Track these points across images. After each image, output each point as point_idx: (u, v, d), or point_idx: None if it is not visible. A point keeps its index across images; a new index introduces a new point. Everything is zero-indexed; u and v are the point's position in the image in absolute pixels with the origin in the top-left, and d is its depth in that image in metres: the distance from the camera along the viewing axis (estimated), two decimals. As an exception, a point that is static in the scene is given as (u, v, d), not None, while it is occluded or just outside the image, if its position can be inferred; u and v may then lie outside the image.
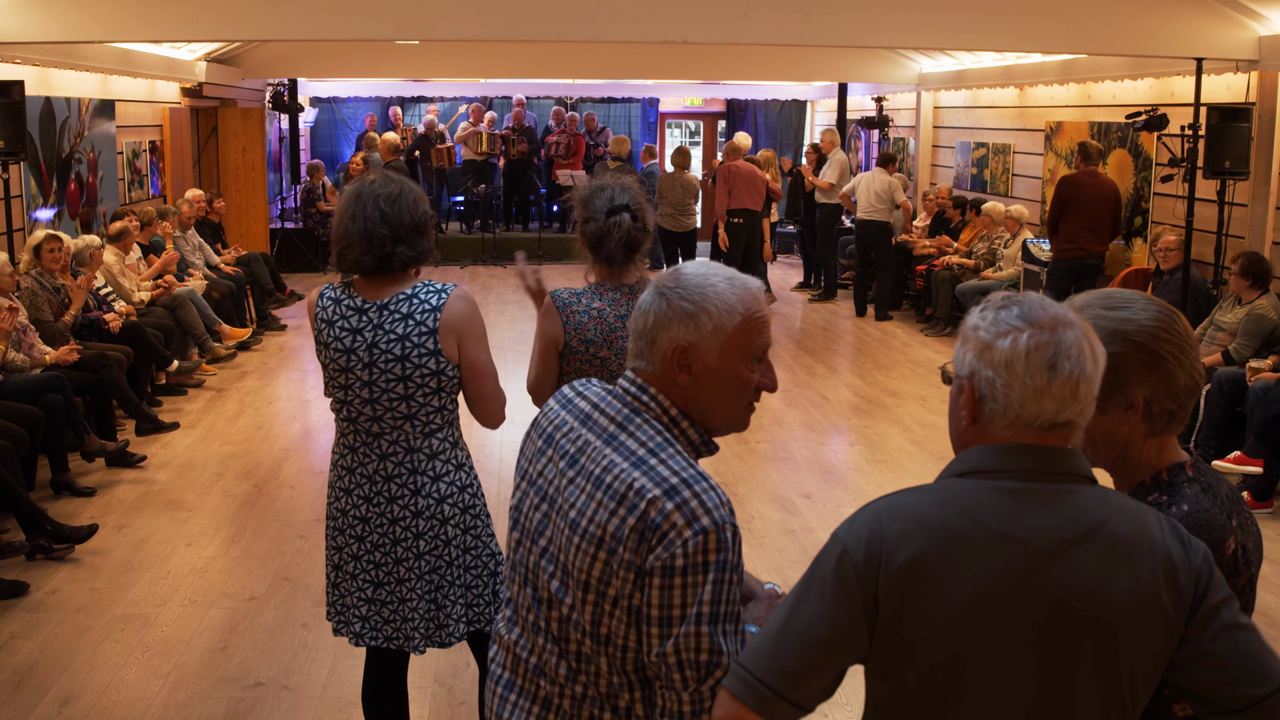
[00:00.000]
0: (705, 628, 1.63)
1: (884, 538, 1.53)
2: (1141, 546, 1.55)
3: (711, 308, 1.74)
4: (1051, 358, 1.53)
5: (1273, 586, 4.91)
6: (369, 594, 2.93)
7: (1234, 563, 1.74)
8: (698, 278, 1.77)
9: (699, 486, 1.67)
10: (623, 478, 1.70)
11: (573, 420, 1.83)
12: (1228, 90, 7.96)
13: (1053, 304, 1.60)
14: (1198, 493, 1.78)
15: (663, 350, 1.76)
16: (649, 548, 1.65)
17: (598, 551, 1.69)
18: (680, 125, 18.80)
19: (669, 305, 1.76)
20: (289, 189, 14.79)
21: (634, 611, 1.68)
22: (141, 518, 5.68)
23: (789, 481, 6.34)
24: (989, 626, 1.50)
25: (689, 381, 1.76)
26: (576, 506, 1.74)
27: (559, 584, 1.76)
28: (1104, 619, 1.51)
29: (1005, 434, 1.57)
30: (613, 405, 1.80)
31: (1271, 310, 6.60)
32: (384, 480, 2.89)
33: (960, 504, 1.54)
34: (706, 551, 1.63)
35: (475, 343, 2.85)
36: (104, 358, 6.66)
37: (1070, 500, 1.55)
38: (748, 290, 1.78)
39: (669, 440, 1.75)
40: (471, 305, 2.87)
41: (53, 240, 6.87)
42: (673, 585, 1.64)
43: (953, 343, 2.12)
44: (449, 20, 7.37)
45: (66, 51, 8.14)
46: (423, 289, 2.86)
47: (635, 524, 1.66)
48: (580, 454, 1.77)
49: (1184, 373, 1.78)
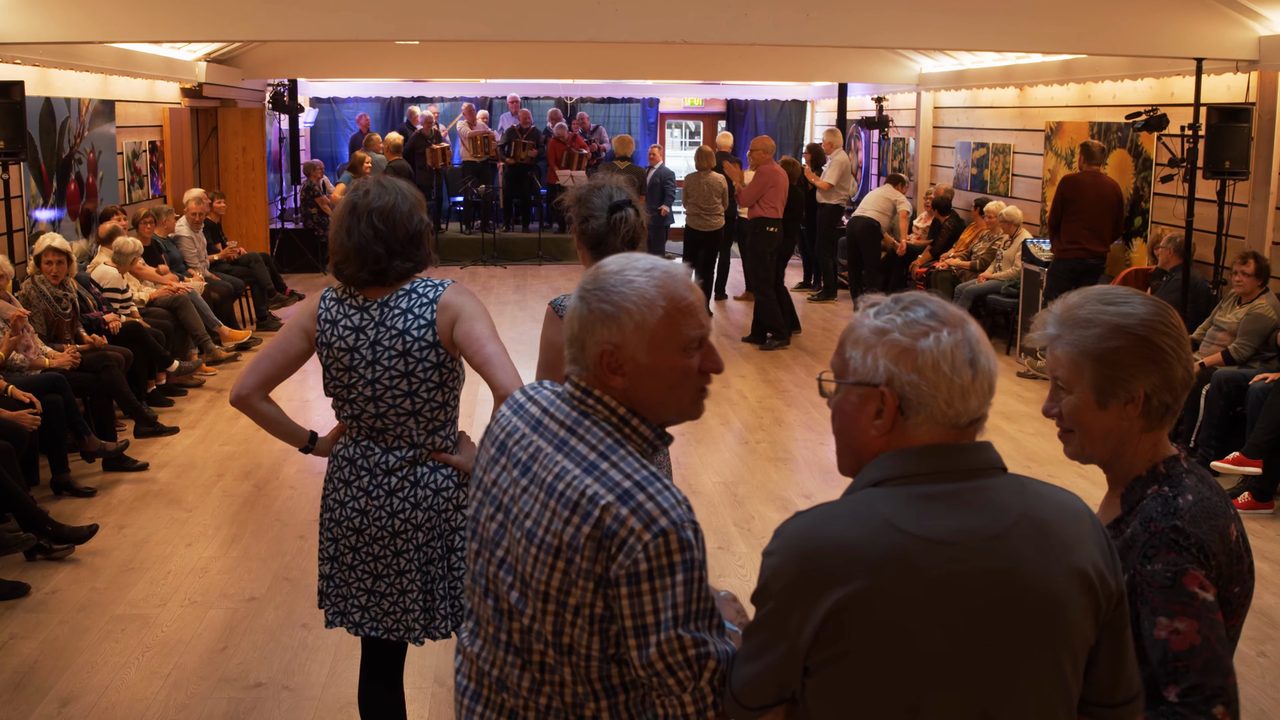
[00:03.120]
0: (682, 630, 1.61)
1: (822, 585, 1.48)
2: (1070, 530, 1.55)
3: (630, 305, 1.70)
4: (970, 354, 1.52)
5: (1273, 586, 4.91)
6: (368, 585, 2.95)
7: (1237, 549, 1.76)
8: (615, 276, 1.73)
9: (653, 488, 1.64)
10: (575, 485, 1.66)
11: (524, 426, 1.79)
12: (1228, 90, 7.96)
13: (942, 300, 1.59)
14: (1197, 482, 1.80)
15: (592, 355, 1.72)
16: (609, 556, 1.62)
17: (555, 561, 1.66)
18: (680, 125, 18.80)
19: (589, 309, 1.72)
20: (289, 189, 14.79)
21: (596, 620, 1.66)
22: (141, 518, 5.68)
23: (789, 481, 6.34)
24: (934, 637, 1.48)
25: (624, 383, 1.72)
26: (531, 516, 1.70)
27: (518, 595, 1.72)
28: (1044, 608, 1.50)
29: (926, 436, 1.54)
30: (561, 409, 1.77)
31: (1271, 310, 6.60)
32: (384, 474, 2.90)
33: (881, 517, 1.51)
34: (670, 553, 1.61)
35: (470, 319, 2.83)
36: (104, 358, 6.66)
37: (990, 495, 1.53)
38: (669, 278, 1.73)
39: (619, 442, 1.72)
40: (468, 294, 2.90)
41: (55, 253, 6.85)
42: (641, 592, 1.61)
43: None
44: (449, 20, 7.36)
45: (66, 51, 8.14)
46: (421, 284, 2.89)
47: (591, 532, 1.63)
48: (533, 461, 1.74)
49: (1181, 366, 1.78)
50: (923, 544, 1.48)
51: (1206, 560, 1.71)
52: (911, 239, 11.87)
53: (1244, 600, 1.80)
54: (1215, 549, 1.73)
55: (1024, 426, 7.43)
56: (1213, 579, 1.72)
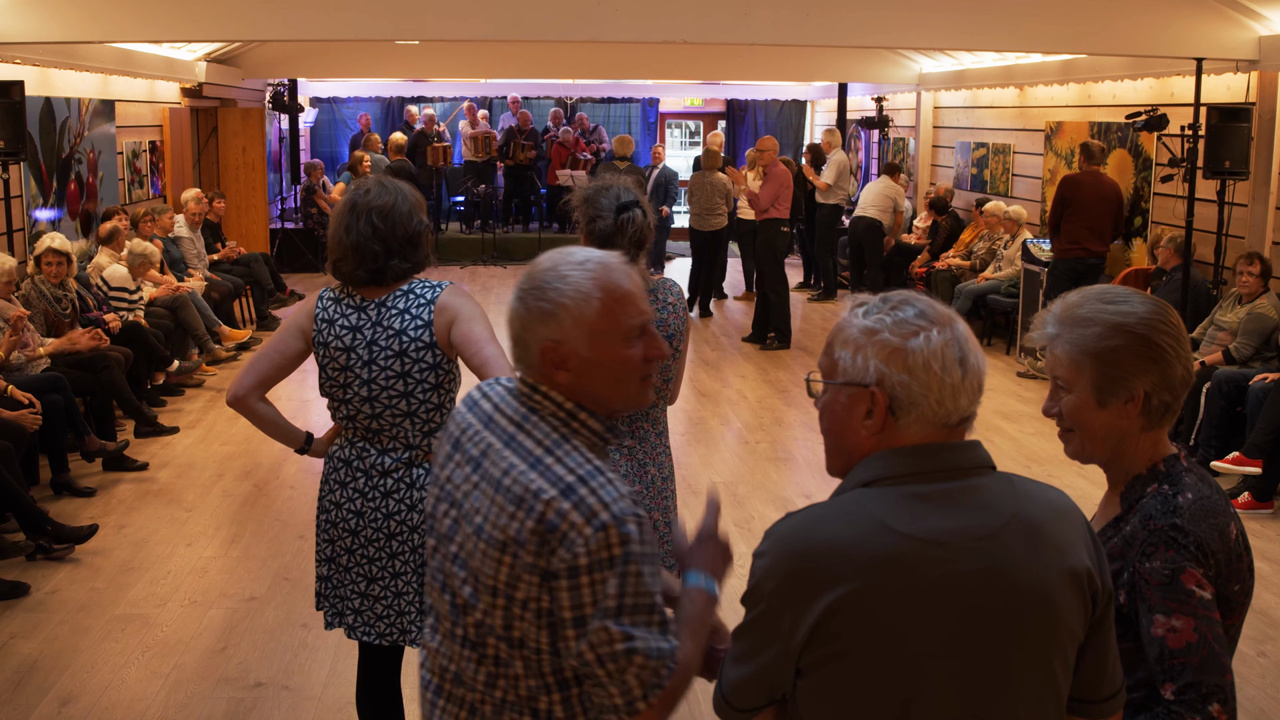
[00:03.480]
0: (612, 623, 1.61)
1: (809, 580, 1.48)
2: (1060, 528, 1.55)
3: (566, 300, 1.70)
4: (960, 353, 1.52)
5: (1273, 586, 4.91)
6: (362, 588, 2.94)
7: (1237, 547, 1.77)
8: (549, 272, 1.73)
9: (595, 482, 1.65)
10: (520, 480, 1.68)
11: (477, 423, 1.80)
12: (1228, 90, 7.96)
13: (930, 299, 1.58)
14: (1196, 481, 1.80)
15: (535, 353, 1.73)
16: (550, 550, 1.63)
17: (502, 555, 1.67)
18: (680, 125, 18.80)
19: (527, 308, 1.73)
20: (289, 189, 14.79)
21: (543, 614, 1.66)
22: (141, 518, 5.68)
23: (789, 481, 6.34)
24: (926, 637, 1.48)
25: (569, 377, 1.73)
26: (480, 511, 1.72)
27: (471, 589, 1.73)
28: (1036, 607, 1.50)
29: (916, 436, 1.53)
30: (510, 405, 1.78)
31: (1273, 310, 6.60)
32: (380, 475, 2.89)
33: (873, 517, 1.50)
34: (609, 546, 1.61)
35: (469, 320, 2.83)
36: (104, 358, 6.66)
37: (981, 495, 1.53)
38: (604, 269, 1.73)
39: (565, 436, 1.73)
40: (465, 296, 2.90)
41: (56, 255, 6.85)
42: (579, 585, 1.62)
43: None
44: (449, 20, 7.37)
45: (66, 51, 8.14)
46: (419, 285, 2.89)
47: (534, 526, 1.64)
48: (483, 457, 1.75)
49: (1180, 365, 1.78)
50: (915, 544, 1.48)
51: (1205, 559, 1.71)
52: (911, 239, 11.87)
53: (1244, 599, 1.80)
54: (1214, 547, 1.73)
55: (1024, 426, 7.43)
56: (1211, 577, 1.72)
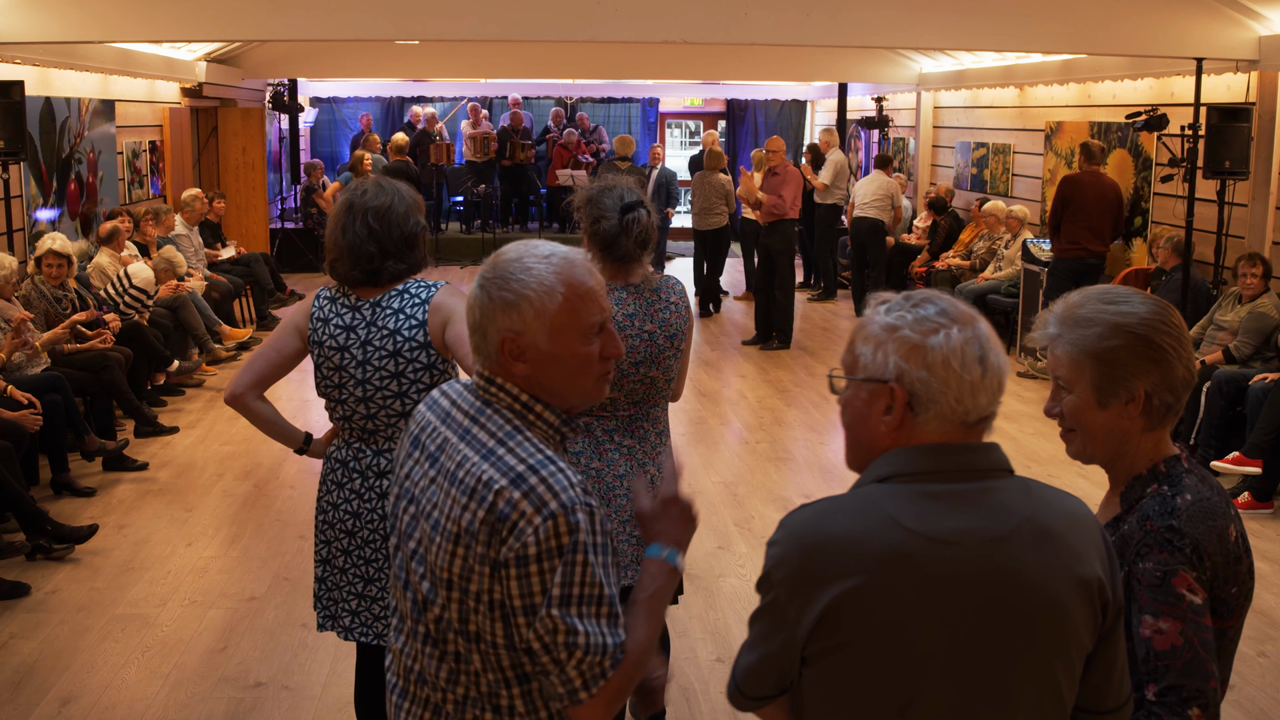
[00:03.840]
0: (557, 611, 1.61)
1: (821, 579, 1.49)
2: (1074, 536, 1.54)
3: (530, 293, 1.71)
4: (980, 351, 1.52)
5: (1273, 586, 4.91)
6: (359, 589, 2.94)
7: (1236, 550, 1.76)
8: (514, 263, 1.74)
9: (545, 471, 1.65)
10: (473, 471, 1.68)
11: (435, 420, 1.82)
12: (1228, 90, 7.96)
13: (953, 298, 1.58)
14: (1197, 482, 1.79)
15: (494, 343, 1.73)
16: (501, 539, 1.63)
17: (455, 548, 1.67)
18: (680, 125, 18.80)
19: (490, 298, 1.73)
20: (289, 189, 14.79)
21: (495, 606, 1.67)
22: (141, 518, 5.68)
23: (789, 481, 6.34)
24: (931, 636, 1.48)
25: (526, 369, 1.74)
26: (437, 505, 1.72)
27: (429, 585, 1.73)
28: (1044, 613, 1.50)
29: (934, 434, 1.54)
30: (466, 399, 1.79)
31: (1273, 309, 6.61)
32: (376, 476, 2.89)
33: (885, 513, 1.51)
34: (558, 535, 1.61)
35: (462, 320, 2.79)
36: (104, 358, 6.66)
37: (996, 498, 1.53)
38: (568, 264, 1.74)
39: (518, 429, 1.73)
40: (460, 296, 2.86)
41: (56, 257, 6.85)
42: (528, 573, 1.62)
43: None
44: (449, 20, 7.36)
45: (66, 51, 8.14)
46: (414, 285, 2.88)
47: (485, 516, 1.64)
48: (440, 452, 1.76)
49: (1182, 365, 1.77)
50: (924, 542, 1.48)
51: (1200, 562, 1.71)
52: (911, 239, 11.87)
53: (1242, 601, 1.80)
54: (1211, 549, 1.72)
55: (1024, 426, 7.43)
56: (1206, 580, 1.71)
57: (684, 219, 17.69)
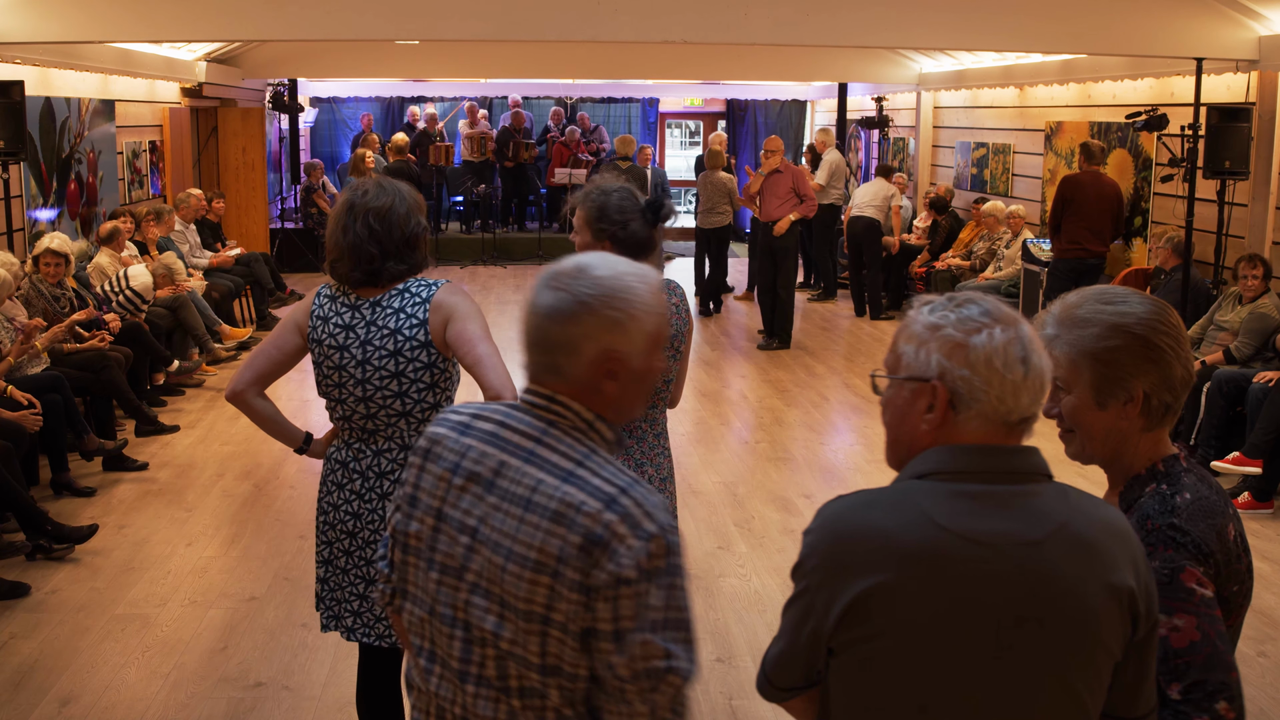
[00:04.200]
0: (654, 635, 1.55)
1: (847, 564, 1.50)
2: (1109, 545, 1.54)
3: (638, 312, 1.66)
4: (1023, 352, 1.53)
5: (1273, 586, 4.91)
6: (360, 590, 2.93)
7: (1236, 548, 1.76)
8: (616, 280, 1.67)
9: (637, 492, 1.59)
10: (554, 494, 1.60)
11: (477, 443, 1.70)
12: (1228, 90, 7.96)
13: (997, 300, 1.60)
14: (1195, 481, 1.79)
15: (588, 361, 1.65)
16: (595, 563, 1.56)
17: (538, 576, 1.59)
18: (680, 125, 18.80)
19: (594, 314, 1.64)
20: (289, 189, 14.79)
21: (584, 634, 1.59)
22: (141, 518, 5.68)
23: (789, 481, 6.34)
24: (956, 635, 1.48)
25: (615, 388, 1.67)
26: (506, 533, 1.63)
27: (495, 619, 1.63)
28: (1073, 620, 1.50)
29: (975, 433, 1.54)
30: (522, 420, 1.70)
31: (1274, 310, 6.61)
32: (376, 477, 2.88)
33: (920, 509, 1.51)
34: (653, 557, 1.56)
35: (463, 319, 2.79)
36: (104, 357, 6.66)
37: (1033, 501, 1.53)
38: (657, 282, 1.72)
39: (591, 448, 1.66)
40: (462, 294, 2.86)
41: (54, 255, 6.86)
42: (620, 596, 1.55)
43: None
44: (449, 20, 7.37)
45: (66, 51, 8.14)
46: (415, 284, 2.86)
47: (580, 541, 1.56)
48: (498, 477, 1.66)
49: (1180, 365, 1.77)
50: (957, 541, 1.49)
51: (1205, 558, 1.71)
52: (912, 239, 11.87)
53: (1243, 600, 1.80)
54: (1213, 547, 1.72)
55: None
56: (1212, 576, 1.72)
57: (683, 219, 17.71)
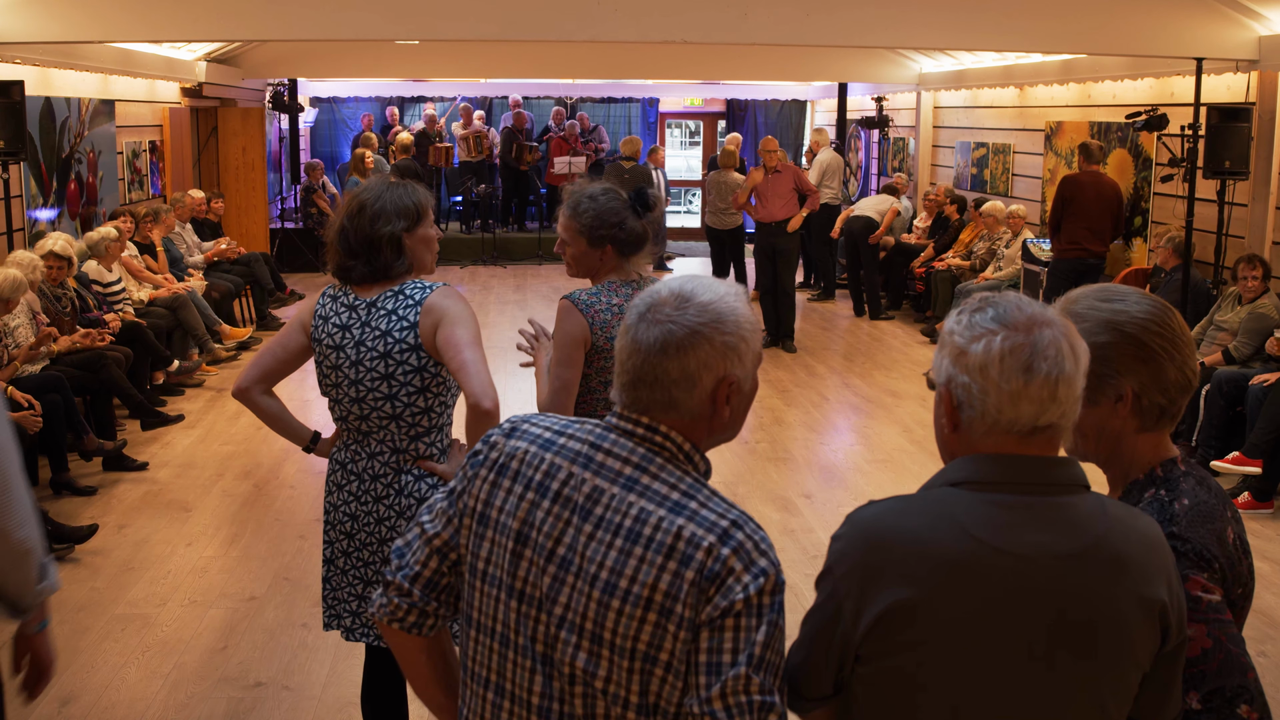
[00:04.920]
0: (755, 672, 1.48)
1: (880, 570, 1.49)
2: (1143, 559, 1.53)
3: (746, 333, 1.61)
4: (1028, 360, 1.50)
5: (1273, 586, 4.91)
6: (359, 591, 2.94)
7: (1236, 552, 1.75)
8: (719, 303, 1.60)
9: (749, 528, 1.55)
10: (665, 527, 1.53)
11: (565, 463, 1.62)
12: (1228, 90, 7.96)
13: (1031, 303, 1.56)
14: (1194, 486, 1.78)
15: (706, 389, 1.58)
16: (707, 599, 1.50)
17: (646, 614, 1.51)
18: (680, 125, 18.80)
19: (710, 342, 1.57)
20: (289, 189, 14.79)
21: (683, 672, 1.52)
22: (141, 518, 5.68)
23: (789, 481, 6.34)
24: (987, 646, 1.48)
25: (728, 414, 1.62)
26: (606, 565, 1.54)
27: (587, 655, 1.55)
28: (1105, 633, 1.49)
29: (987, 441, 1.53)
30: (621, 444, 1.61)
31: (1273, 310, 6.61)
32: (370, 479, 2.89)
33: (954, 519, 1.51)
34: (763, 594, 1.50)
35: (452, 324, 2.76)
36: (103, 357, 6.66)
37: (1068, 513, 1.52)
38: (748, 299, 1.68)
39: (698, 480, 1.60)
40: (455, 298, 2.83)
41: (56, 259, 6.87)
42: (724, 628, 1.49)
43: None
44: (449, 20, 7.37)
45: (66, 51, 8.14)
46: (410, 285, 2.85)
47: (693, 577, 1.50)
48: (593, 503, 1.58)
49: (1174, 368, 1.76)
50: (991, 552, 1.48)
51: (1207, 563, 1.70)
52: (911, 239, 11.87)
53: (1245, 601, 1.80)
54: (1215, 552, 1.72)
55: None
56: (1217, 581, 1.71)
57: (684, 219, 17.71)
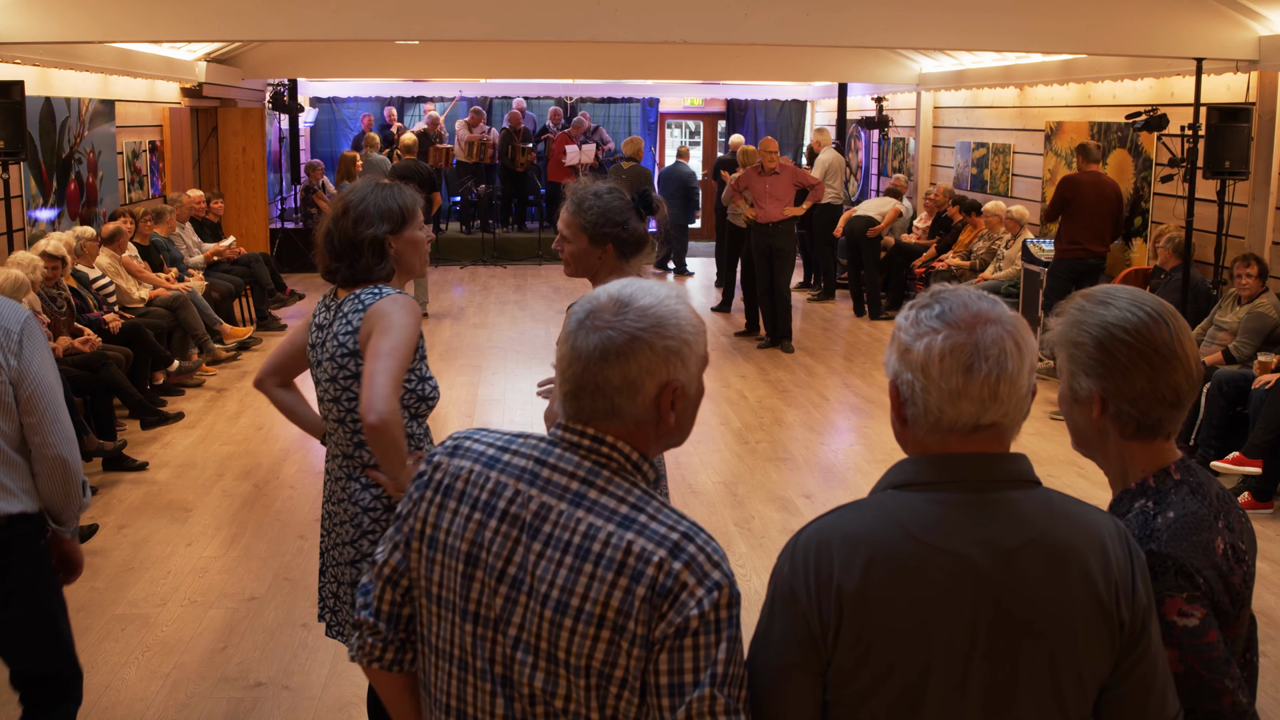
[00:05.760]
0: (719, 691, 1.46)
1: (830, 573, 1.49)
2: (1089, 554, 1.52)
3: (689, 337, 1.57)
4: (968, 359, 1.49)
5: (1273, 586, 4.91)
6: (334, 590, 2.99)
7: (1226, 562, 1.71)
8: (660, 306, 1.56)
9: (700, 539, 1.51)
10: (614, 543, 1.49)
11: (511, 480, 1.58)
12: (1228, 90, 7.96)
13: (980, 298, 1.54)
14: (1184, 497, 1.74)
15: (649, 397, 1.55)
16: (660, 615, 1.47)
17: (599, 631, 1.48)
18: (680, 125, 18.80)
19: (651, 347, 1.54)
20: (289, 189, 14.79)
21: (639, 690, 1.51)
22: (141, 518, 5.68)
23: (789, 481, 6.34)
24: (935, 645, 1.47)
25: (673, 420, 1.59)
26: (557, 584, 1.51)
27: (545, 675, 1.52)
28: (1049, 629, 1.49)
29: (932, 438, 1.53)
30: (567, 459, 1.57)
31: (1273, 309, 6.61)
32: (331, 480, 2.94)
33: (897, 521, 1.50)
34: (719, 608, 1.47)
35: (381, 331, 2.66)
36: (103, 357, 6.66)
37: (1011, 509, 1.51)
38: (690, 303, 1.64)
39: (646, 492, 1.56)
40: (400, 306, 2.71)
41: (51, 259, 6.88)
42: (683, 648, 1.46)
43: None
44: (449, 20, 7.37)
45: (66, 51, 8.14)
46: (368, 291, 2.79)
47: (644, 593, 1.47)
48: (541, 521, 1.54)
49: (1143, 379, 1.72)
50: (930, 551, 1.48)
51: (1190, 578, 1.67)
52: (911, 239, 11.87)
53: (1238, 609, 1.77)
54: (1199, 564, 1.68)
55: (1025, 425, 7.42)
56: (1202, 595, 1.67)
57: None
